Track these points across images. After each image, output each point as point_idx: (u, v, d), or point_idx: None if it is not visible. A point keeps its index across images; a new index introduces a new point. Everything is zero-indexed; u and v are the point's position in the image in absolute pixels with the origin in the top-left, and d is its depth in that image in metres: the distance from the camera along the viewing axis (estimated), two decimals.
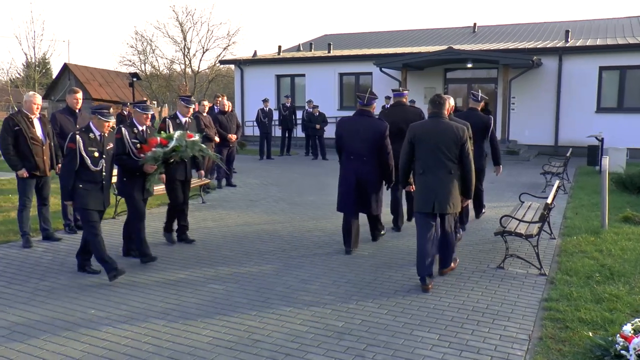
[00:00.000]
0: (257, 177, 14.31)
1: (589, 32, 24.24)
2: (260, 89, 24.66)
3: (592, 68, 20.17)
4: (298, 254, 7.19)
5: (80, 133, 6.04)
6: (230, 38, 45.64)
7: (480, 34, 28.19)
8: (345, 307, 5.34)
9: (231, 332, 4.75)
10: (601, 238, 7.79)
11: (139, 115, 6.78)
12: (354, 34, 33.12)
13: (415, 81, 22.18)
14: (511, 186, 12.47)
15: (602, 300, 5.42)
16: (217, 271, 6.43)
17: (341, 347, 4.47)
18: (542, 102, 20.65)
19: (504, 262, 6.64)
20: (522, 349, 4.47)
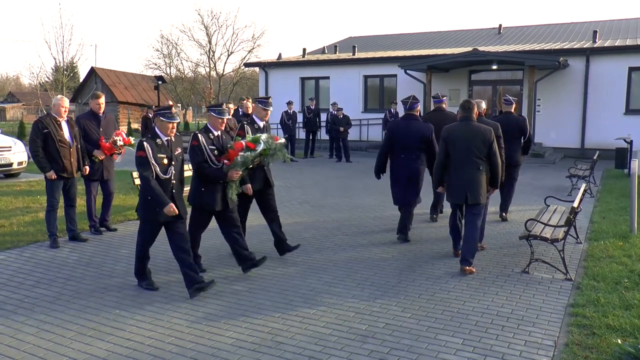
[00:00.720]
0: (280, 179, 14.34)
1: (618, 32, 23.85)
2: (285, 92, 24.75)
3: (621, 69, 19.84)
4: (322, 256, 7.20)
5: (147, 140, 5.64)
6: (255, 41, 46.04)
7: (506, 35, 27.94)
8: (369, 310, 5.32)
9: (254, 334, 4.77)
10: (630, 243, 7.65)
11: (214, 119, 6.24)
12: (378, 36, 33.09)
13: (440, 83, 22.05)
14: (536, 189, 12.32)
15: (631, 306, 5.32)
16: (241, 273, 6.45)
17: (364, 351, 4.46)
18: (569, 104, 20.38)
19: (529, 266, 6.56)
20: (547, 355, 4.40)
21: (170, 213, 5.55)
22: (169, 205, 5.54)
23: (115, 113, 38.63)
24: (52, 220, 7.72)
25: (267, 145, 6.40)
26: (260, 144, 6.35)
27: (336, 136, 19.38)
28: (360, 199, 11.48)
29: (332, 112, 19.62)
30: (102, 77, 41.43)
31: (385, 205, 10.67)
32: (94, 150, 8.08)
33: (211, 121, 6.29)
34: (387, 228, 8.80)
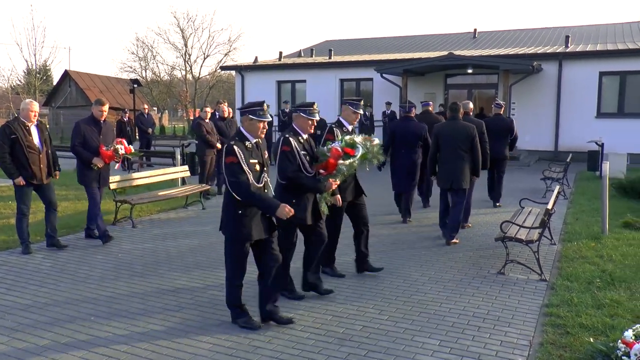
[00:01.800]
0: None
1: (589, 38, 24.28)
2: (261, 95, 24.58)
3: (592, 73, 20.20)
4: (299, 259, 7.16)
5: (236, 142, 4.81)
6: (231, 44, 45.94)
7: (481, 39, 28.24)
8: (346, 313, 5.33)
9: (231, 339, 4.74)
10: (602, 244, 7.78)
11: (303, 120, 5.57)
12: (354, 39, 33.18)
13: (416, 87, 22.20)
14: (512, 192, 12.46)
15: (603, 305, 5.41)
16: (218, 277, 6.41)
17: (342, 354, 4.46)
18: (543, 107, 20.67)
19: (504, 267, 6.64)
20: (523, 355, 4.46)
21: (286, 215, 4.76)
22: (282, 206, 4.76)
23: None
24: (23, 227, 7.54)
25: (366, 148, 5.75)
26: (358, 148, 5.69)
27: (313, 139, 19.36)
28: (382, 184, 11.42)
29: None
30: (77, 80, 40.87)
31: None
32: (93, 157, 7.83)
33: (299, 122, 5.58)
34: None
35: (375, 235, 8.49)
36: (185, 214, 10.33)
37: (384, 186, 11.24)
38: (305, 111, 5.53)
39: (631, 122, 19.58)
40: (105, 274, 6.57)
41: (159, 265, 6.94)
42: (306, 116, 5.52)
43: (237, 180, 4.73)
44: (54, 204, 7.76)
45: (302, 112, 5.54)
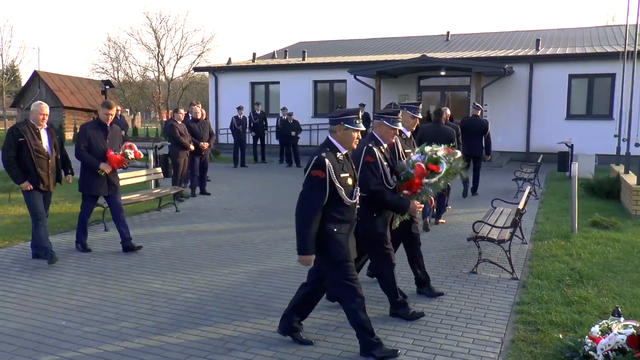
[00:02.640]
0: (231, 185, 14.26)
1: (559, 41, 24.71)
2: (235, 97, 24.61)
3: (562, 76, 20.59)
4: (273, 262, 7.18)
5: (327, 154, 4.30)
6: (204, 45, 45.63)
7: (453, 42, 28.55)
8: (320, 314, 5.33)
9: (205, 341, 4.71)
10: (571, 242, 7.93)
11: (385, 129, 5.11)
12: (328, 41, 33.27)
13: (389, 89, 22.35)
14: (484, 192, 12.61)
15: (572, 303, 5.52)
16: (192, 280, 6.38)
17: (316, 354, 4.47)
18: (514, 109, 20.97)
19: (476, 267, 6.72)
20: (494, 352, 4.52)
21: (303, 263, 4.39)
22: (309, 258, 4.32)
23: (61, 119, 37.56)
24: (42, 234, 7.03)
25: (449, 164, 5.30)
26: (442, 164, 5.25)
27: (286, 141, 19.39)
28: None
29: (282, 117, 19.62)
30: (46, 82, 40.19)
31: None
32: (100, 163, 7.41)
33: (381, 131, 5.13)
34: None
35: None
36: (159, 217, 10.24)
37: None
38: (390, 119, 5.09)
39: (599, 123, 19.98)
40: (76, 278, 6.48)
41: (132, 268, 6.87)
42: (389, 125, 5.07)
43: (310, 197, 4.25)
44: (45, 214, 7.28)
45: (386, 120, 5.09)
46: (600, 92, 20.39)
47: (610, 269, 6.72)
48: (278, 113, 21.04)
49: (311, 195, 4.25)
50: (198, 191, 12.65)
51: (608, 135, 17.73)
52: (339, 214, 4.31)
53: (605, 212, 9.91)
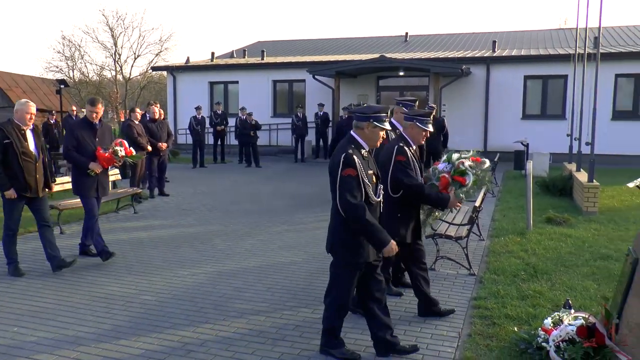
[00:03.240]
0: (190, 186, 14.11)
1: (514, 43, 25.24)
2: (194, 96, 24.35)
3: (517, 77, 21.05)
4: (232, 262, 7.14)
5: (354, 151, 4.16)
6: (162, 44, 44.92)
7: (412, 43, 28.86)
8: (280, 313, 5.34)
9: (164, 344, 4.66)
10: (526, 238, 8.13)
11: (417, 131, 5.09)
12: (287, 41, 33.23)
13: (348, 89, 22.46)
14: None
15: (527, 297, 5.65)
16: (150, 282, 6.30)
17: (275, 354, 4.47)
18: (472, 109, 21.33)
19: (435, 263, 6.82)
20: (452, 346, 4.60)
21: (391, 253, 4.23)
22: (391, 243, 4.18)
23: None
24: (12, 246, 6.61)
25: (476, 176, 5.23)
26: (469, 175, 5.18)
27: (246, 141, 19.28)
28: (270, 203, 11.49)
29: (241, 117, 19.50)
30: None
31: (294, 209, 10.74)
32: (90, 162, 7.00)
33: (413, 132, 5.10)
34: (297, 231, 8.87)
35: (308, 235, 8.57)
36: (117, 219, 10.07)
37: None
38: (422, 121, 5.05)
39: (553, 123, 20.49)
40: (29, 282, 6.32)
41: (89, 271, 6.74)
42: (422, 126, 5.05)
43: (356, 200, 4.07)
44: (47, 219, 6.74)
45: (419, 121, 5.06)
46: (554, 92, 20.95)
47: (563, 263, 6.92)
48: (237, 113, 20.92)
49: (355, 196, 4.07)
50: (156, 192, 12.48)
51: (561, 135, 18.21)
52: None
53: (559, 209, 10.18)
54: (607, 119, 19.51)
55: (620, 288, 4.25)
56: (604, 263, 6.94)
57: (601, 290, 5.90)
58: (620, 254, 7.19)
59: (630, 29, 26.38)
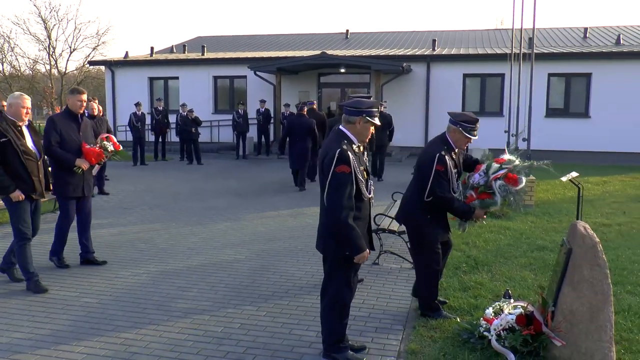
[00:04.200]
0: (130, 184, 13.79)
1: (454, 42, 25.81)
2: (133, 92, 23.79)
3: (457, 75, 21.55)
4: (175, 261, 7.02)
5: (347, 145, 4.02)
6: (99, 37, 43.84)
7: (353, 40, 29.07)
8: (224, 312, 5.29)
9: (107, 347, 4.54)
10: (467, 232, 8.30)
11: (461, 138, 5.00)
12: (228, 36, 32.89)
13: (290, 85, 22.45)
14: (384, 186, 12.96)
15: (468, 288, 5.81)
16: (91, 284, 6.11)
17: (221, 353, 4.43)
18: (413, 106, 21.68)
19: (378, 258, 6.91)
20: (397, 339, 4.67)
21: (361, 261, 4.10)
22: (365, 252, 4.05)
23: None
24: (28, 256, 5.95)
25: (505, 197, 5.01)
26: (496, 196, 5.00)
27: (187, 138, 18.98)
28: (213, 201, 11.36)
29: (182, 113, 19.17)
30: None
31: (237, 207, 10.67)
32: (76, 159, 6.44)
33: (456, 137, 5.00)
34: (240, 228, 8.81)
35: (251, 232, 8.53)
36: (54, 219, 9.70)
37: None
38: (467, 129, 4.92)
39: (491, 120, 20.98)
40: None
41: None
42: (467, 135, 4.95)
43: (341, 196, 3.91)
44: (37, 227, 6.20)
45: (463, 128, 4.93)
46: (492, 90, 21.54)
47: (502, 255, 7.14)
48: (178, 109, 20.56)
49: (343, 195, 3.91)
50: (96, 191, 12.12)
51: (499, 131, 18.76)
52: (357, 210, 4.04)
53: None
54: (541, 116, 20.24)
55: (556, 277, 4.43)
56: (540, 254, 7.21)
57: (538, 279, 6.14)
58: (555, 245, 7.49)
59: (562, 30, 27.43)
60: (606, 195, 12.27)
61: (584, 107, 20.78)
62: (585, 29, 26.19)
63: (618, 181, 14.57)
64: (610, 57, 20.35)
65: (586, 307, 4.10)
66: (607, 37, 24.56)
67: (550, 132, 20.29)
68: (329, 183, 3.94)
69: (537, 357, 4.20)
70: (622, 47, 21.71)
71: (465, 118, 4.95)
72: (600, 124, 20.35)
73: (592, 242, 4.13)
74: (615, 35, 24.16)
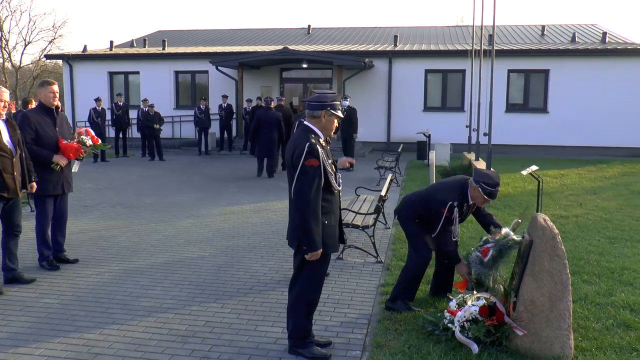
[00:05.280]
0: (91, 181, 13.52)
1: (415, 38, 26.06)
2: (92, 87, 23.34)
3: (418, 70, 21.80)
4: (138, 259, 6.92)
5: (316, 139, 4.05)
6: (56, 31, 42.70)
7: (315, 35, 29.07)
8: (189, 309, 5.24)
9: (69, 349, 4.44)
10: None
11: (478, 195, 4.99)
12: (189, 31, 32.50)
13: (252, 80, 22.36)
14: (348, 181, 13.01)
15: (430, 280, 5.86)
16: (51, 284, 5.97)
17: (186, 351, 4.39)
18: (375, 101, 21.83)
19: (342, 253, 6.94)
20: (362, 332, 4.71)
21: (313, 259, 4.06)
22: (319, 251, 4.03)
23: None
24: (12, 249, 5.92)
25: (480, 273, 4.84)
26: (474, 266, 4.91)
27: (148, 134, 18.70)
28: (176, 197, 11.23)
29: (143, 109, 18.89)
30: None
31: (200, 203, 10.58)
32: (53, 155, 6.23)
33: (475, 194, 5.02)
34: (203, 225, 8.74)
35: (214, 228, 8.47)
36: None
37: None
38: (486, 191, 4.92)
39: (453, 115, 21.40)
40: None
41: None
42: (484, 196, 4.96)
43: (309, 190, 3.94)
44: (18, 225, 6.01)
45: (483, 189, 4.92)
46: (453, 86, 21.87)
47: (465, 248, 7.21)
48: (139, 105, 20.25)
49: (310, 189, 3.94)
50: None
51: (461, 126, 19.08)
52: (327, 203, 4.10)
53: None
54: (501, 111, 20.61)
55: (517, 268, 4.52)
56: None
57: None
58: None
59: (520, 28, 27.95)
60: (564, 188, 12.58)
61: (543, 103, 21.27)
62: (542, 26, 26.77)
63: (575, 174, 14.95)
64: (567, 54, 20.88)
65: (546, 296, 4.21)
66: (564, 35, 25.15)
67: (510, 127, 20.71)
68: (297, 177, 3.98)
69: (500, 346, 4.29)
70: (578, 44, 22.27)
71: (487, 180, 4.95)
72: (558, 118, 20.87)
73: (552, 234, 4.24)
74: (570, 33, 24.76)
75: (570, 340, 4.21)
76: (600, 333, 4.66)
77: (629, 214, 9.66)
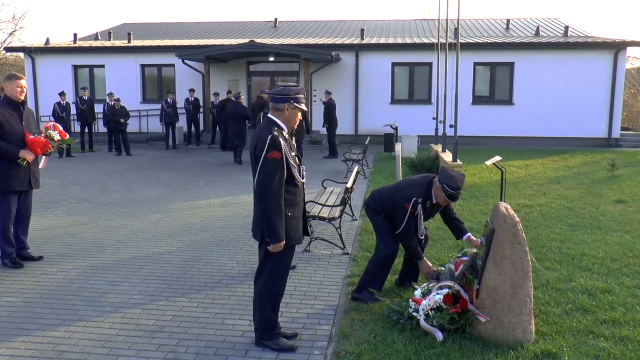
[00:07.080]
0: (56, 177, 13.29)
1: (382, 31, 26.16)
2: (56, 81, 22.90)
3: (385, 63, 21.92)
4: (105, 255, 6.86)
5: (278, 131, 4.07)
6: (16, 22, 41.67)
7: (282, 28, 28.97)
8: (156, 304, 5.22)
9: (33, 347, 4.38)
10: None
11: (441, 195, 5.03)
12: (154, 23, 32.05)
13: (219, 73, 22.22)
14: (315, 173, 13.07)
15: (398, 271, 5.93)
16: (15, 282, 5.87)
17: (153, 346, 4.37)
18: (342, 94, 21.88)
19: (309, 245, 6.98)
20: (328, 323, 4.76)
21: (276, 251, 4.11)
22: (281, 244, 4.07)
23: None
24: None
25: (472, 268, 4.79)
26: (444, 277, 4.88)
27: (115, 128, 18.44)
28: (143, 192, 11.13)
29: (109, 103, 18.61)
30: None
31: (167, 198, 10.50)
32: (19, 151, 6.10)
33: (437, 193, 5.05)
34: (171, 219, 8.69)
35: (182, 223, 8.43)
36: None
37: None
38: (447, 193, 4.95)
39: (419, 107, 21.60)
40: None
41: None
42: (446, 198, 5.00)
43: (272, 182, 3.98)
44: None
45: (444, 190, 4.95)
46: (420, 79, 22.06)
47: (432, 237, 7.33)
48: (105, 99, 19.94)
49: (272, 180, 3.98)
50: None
51: (427, 118, 19.28)
52: (291, 195, 4.15)
53: None
54: (467, 103, 20.90)
55: (480, 256, 4.62)
56: None
57: None
58: (481, 226, 7.78)
59: (485, 21, 28.29)
60: (528, 178, 12.83)
61: (508, 95, 21.61)
62: (507, 20, 27.14)
63: (539, 164, 15.26)
64: (531, 47, 21.23)
65: (508, 283, 4.31)
66: (528, 29, 25.55)
67: (476, 119, 21.01)
68: (260, 169, 4.02)
69: (464, 333, 4.39)
70: (541, 38, 22.66)
71: (450, 182, 4.97)
72: (523, 110, 21.24)
73: (513, 222, 4.34)
74: (535, 27, 25.18)
75: (531, 325, 4.33)
76: (560, 317, 4.79)
77: (589, 202, 9.92)
